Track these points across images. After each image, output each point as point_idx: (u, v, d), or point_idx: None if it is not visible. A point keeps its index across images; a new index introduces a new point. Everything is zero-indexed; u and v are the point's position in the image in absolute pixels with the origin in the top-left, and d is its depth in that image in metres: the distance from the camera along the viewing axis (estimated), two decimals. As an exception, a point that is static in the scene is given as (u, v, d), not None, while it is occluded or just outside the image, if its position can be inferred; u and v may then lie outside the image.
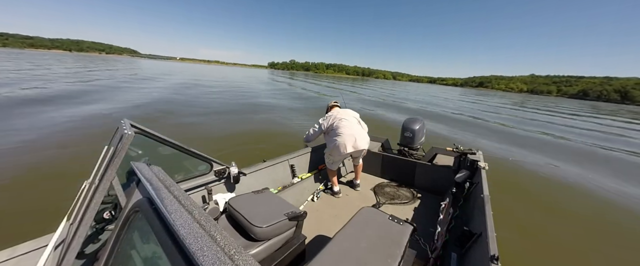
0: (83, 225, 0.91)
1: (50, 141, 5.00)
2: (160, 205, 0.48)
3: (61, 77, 17.24)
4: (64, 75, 19.35)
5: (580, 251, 2.91)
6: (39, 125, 6.00)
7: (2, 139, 4.82)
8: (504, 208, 3.74)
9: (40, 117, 6.76)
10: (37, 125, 5.94)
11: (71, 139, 5.23)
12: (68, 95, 10.29)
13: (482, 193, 1.93)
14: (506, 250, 2.09)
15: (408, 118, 3.63)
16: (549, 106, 37.35)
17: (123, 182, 1.33)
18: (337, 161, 2.78)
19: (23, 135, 5.15)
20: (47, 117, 6.81)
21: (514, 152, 7.29)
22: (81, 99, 9.72)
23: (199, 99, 12.60)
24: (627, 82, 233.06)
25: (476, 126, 11.73)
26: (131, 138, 1.02)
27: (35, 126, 5.88)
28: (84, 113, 7.49)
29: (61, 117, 6.92)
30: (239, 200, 2.14)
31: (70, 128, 5.95)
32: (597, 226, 3.45)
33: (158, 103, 10.27)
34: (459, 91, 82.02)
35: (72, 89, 12.19)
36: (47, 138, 5.12)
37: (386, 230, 1.48)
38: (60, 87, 12.62)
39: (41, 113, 7.07)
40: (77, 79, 16.99)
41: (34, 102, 8.54)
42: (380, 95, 25.05)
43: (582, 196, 4.42)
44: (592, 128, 14.45)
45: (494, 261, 1.17)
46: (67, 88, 12.44)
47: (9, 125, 5.80)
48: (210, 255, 0.34)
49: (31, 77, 15.71)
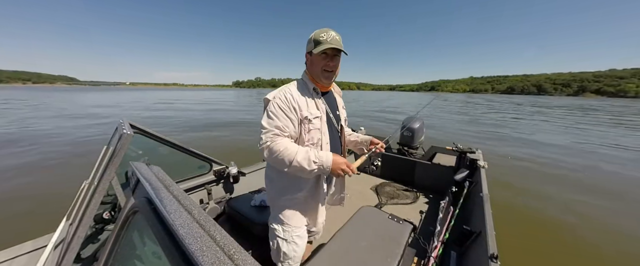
0: (82, 225, 0.91)
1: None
2: (159, 205, 0.48)
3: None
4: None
5: (580, 250, 2.92)
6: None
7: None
8: (503, 206, 3.75)
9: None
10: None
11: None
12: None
13: (481, 192, 1.93)
14: (506, 249, 2.10)
15: (407, 118, 3.63)
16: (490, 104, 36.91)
17: (122, 182, 1.33)
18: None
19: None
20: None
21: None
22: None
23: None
24: (540, 77, 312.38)
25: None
26: (130, 138, 1.02)
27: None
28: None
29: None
30: (238, 200, 2.14)
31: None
32: (597, 225, 3.46)
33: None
34: (415, 95, 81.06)
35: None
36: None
37: (386, 229, 1.48)
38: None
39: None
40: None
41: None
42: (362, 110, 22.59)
43: (582, 194, 4.44)
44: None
45: (493, 259, 1.17)
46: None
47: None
48: (209, 254, 0.34)
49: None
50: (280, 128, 1.12)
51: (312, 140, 1.22)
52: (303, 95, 1.21)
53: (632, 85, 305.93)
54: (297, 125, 1.18)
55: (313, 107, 1.22)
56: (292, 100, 1.16)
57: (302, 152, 1.09)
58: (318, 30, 1.15)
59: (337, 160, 1.12)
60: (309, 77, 1.27)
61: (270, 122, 1.12)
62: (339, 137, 1.38)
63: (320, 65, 1.17)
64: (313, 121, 1.20)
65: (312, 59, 1.20)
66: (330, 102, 1.35)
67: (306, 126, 1.19)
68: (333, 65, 1.19)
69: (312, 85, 1.25)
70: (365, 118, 15.22)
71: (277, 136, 1.11)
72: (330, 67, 1.19)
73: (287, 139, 1.14)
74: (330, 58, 1.17)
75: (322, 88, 1.30)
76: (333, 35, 1.13)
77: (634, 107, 42.50)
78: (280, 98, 1.16)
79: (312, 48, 1.15)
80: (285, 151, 1.07)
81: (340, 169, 1.12)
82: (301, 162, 1.07)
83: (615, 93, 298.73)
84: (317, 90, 1.27)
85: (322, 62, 1.17)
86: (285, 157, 1.07)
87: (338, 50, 1.15)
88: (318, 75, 1.21)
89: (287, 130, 1.14)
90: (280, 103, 1.15)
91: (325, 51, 1.13)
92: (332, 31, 1.13)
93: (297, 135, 1.19)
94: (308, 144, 1.21)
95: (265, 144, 1.10)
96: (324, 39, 1.11)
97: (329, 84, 1.30)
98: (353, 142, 1.54)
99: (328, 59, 1.16)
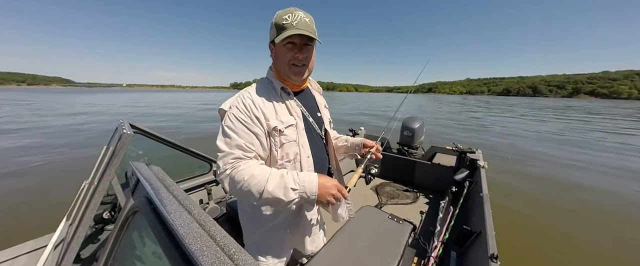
0: (82, 225, 0.91)
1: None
2: (159, 205, 0.48)
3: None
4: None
5: (580, 249, 2.92)
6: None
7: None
8: (503, 206, 3.75)
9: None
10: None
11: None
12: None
13: (481, 192, 1.93)
14: (505, 249, 2.10)
15: (407, 117, 3.63)
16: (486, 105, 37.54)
17: (122, 182, 1.33)
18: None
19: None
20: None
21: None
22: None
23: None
24: (535, 79, 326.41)
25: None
26: (130, 138, 1.02)
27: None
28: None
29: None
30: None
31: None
32: (596, 224, 3.46)
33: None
34: (412, 96, 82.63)
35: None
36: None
37: (386, 229, 1.48)
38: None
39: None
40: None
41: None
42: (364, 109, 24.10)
43: (581, 193, 4.44)
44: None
45: (493, 259, 1.17)
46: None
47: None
48: (209, 254, 0.34)
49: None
50: (243, 149, 0.82)
51: (287, 157, 0.92)
52: (269, 99, 0.91)
53: (624, 87, 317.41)
54: (265, 140, 0.88)
55: (284, 113, 0.92)
56: (254, 108, 0.87)
57: (275, 178, 0.79)
58: (281, 11, 0.84)
59: (325, 182, 0.83)
60: (275, 74, 0.96)
61: (229, 141, 0.82)
62: (324, 145, 1.07)
63: (286, 58, 0.87)
64: (286, 132, 0.90)
65: (276, 50, 0.89)
66: (307, 103, 1.03)
67: (276, 139, 0.89)
68: (303, 57, 0.87)
69: (279, 85, 0.94)
70: (369, 117, 15.17)
71: (239, 160, 0.82)
72: (299, 61, 0.87)
73: (254, 162, 0.84)
74: (299, 48, 0.86)
75: (293, 87, 0.99)
76: (300, 17, 0.81)
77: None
78: (238, 108, 0.86)
79: (274, 35, 0.85)
80: (251, 180, 0.77)
81: (329, 195, 0.82)
82: (275, 192, 0.77)
83: (609, 95, 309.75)
84: (287, 90, 0.96)
85: (289, 54, 0.86)
86: (253, 187, 0.77)
87: (310, 38, 0.84)
88: (285, 71, 0.91)
89: (252, 149, 0.84)
90: (238, 114, 0.85)
91: (291, 40, 0.83)
92: (299, 11, 0.82)
93: (267, 153, 0.90)
94: (283, 163, 0.92)
95: (224, 173, 0.81)
96: (289, 23, 0.80)
97: (301, 82, 0.98)
98: (342, 147, 1.25)
99: (296, 50, 0.86)
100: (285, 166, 0.92)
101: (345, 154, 1.28)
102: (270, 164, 0.92)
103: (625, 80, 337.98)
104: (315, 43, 0.90)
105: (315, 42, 0.89)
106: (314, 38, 0.85)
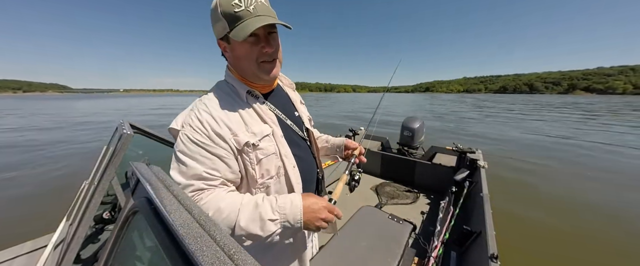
0: (82, 225, 0.91)
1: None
2: (159, 205, 0.48)
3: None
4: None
5: (580, 249, 2.92)
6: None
7: None
8: (503, 206, 3.75)
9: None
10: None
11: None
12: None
13: (481, 192, 1.93)
14: (506, 249, 2.10)
15: (407, 118, 3.63)
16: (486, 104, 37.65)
17: (122, 182, 1.33)
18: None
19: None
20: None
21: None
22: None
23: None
24: (531, 76, 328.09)
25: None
26: (130, 139, 1.02)
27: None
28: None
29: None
30: None
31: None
32: (595, 223, 3.46)
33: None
34: (409, 96, 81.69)
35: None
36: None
37: (386, 228, 1.48)
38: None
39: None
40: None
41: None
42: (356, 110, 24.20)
43: (580, 194, 4.44)
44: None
45: (493, 259, 1.17)
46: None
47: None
48: (209, 254, 0.34)
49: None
50: (203, 178, 0.64)
51: (268, 174, 0.73)
52: (233, 108, 0.72)
53: (619, 82, 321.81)
54: (234, 160, 0.69)
55: (255, 123, 0.73)
56: (214, 124, 0.67)
57: (248, 209, 0.62)
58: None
59: (311, 205, 0.66)
60: (237, 76, 0.77)
61: (184, 170, 0.64)
62: (308, 147, 0.88)
63: (252, 56, 0.69)
64: (261, 145, 0.71)
65: (234, 48, 0.70)
66: (281, 104, 0.85)
67: (251, 156, 0.70)
68: (273, 50, 0.70)
69: (244, 89, 0.75)
70: (366, 115, 15.21)
71: (201, 191, 0.64)
72: (268, 55, 0.70)
73: (220, 191, 0.66)
74: (265, 40, 0.68)
75: (262, 89, 0.80)
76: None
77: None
78: (192, 126, 0.67)
79: (226, 30, 0.66)
80: (218, 215, 0.61)
81: (318, 220, 0.66)
82: (249, 228, 0.61)
83: (604, 90, 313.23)
84: (255, 93, 0.77)
85: (254, 51, 0.68)
86: (221, 223, 0.61)
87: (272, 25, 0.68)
88: (253, 72, 0.72)
89: (215, 176, 0.65)
90: (193, 134, 0.66)
91: (254, 32, 0.64)
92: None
93: (239, 175, 0.71)
94: (263, 181, 0.73)
95: None
96: (243, 10, 0.63)
97: (273, 79, 0.78)
98: (322, 148, 1.09)
99: (262, 43, 0.68)
100: (268, 184, 0.74)
101: (326, 156, 1.12)
102: (249, 186, 0.73)
103: (620, 75, 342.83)
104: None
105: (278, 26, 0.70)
106: (280, 23, 0.67)
